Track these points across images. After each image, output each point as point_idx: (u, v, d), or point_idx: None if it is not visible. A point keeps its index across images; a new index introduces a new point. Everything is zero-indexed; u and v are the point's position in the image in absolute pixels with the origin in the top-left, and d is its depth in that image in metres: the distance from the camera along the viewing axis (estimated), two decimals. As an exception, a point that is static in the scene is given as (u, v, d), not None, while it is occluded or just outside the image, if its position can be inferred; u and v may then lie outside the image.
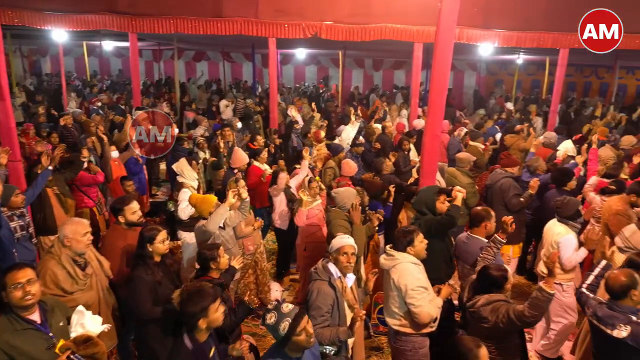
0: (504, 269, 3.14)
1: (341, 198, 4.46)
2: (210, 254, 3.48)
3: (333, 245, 3.39)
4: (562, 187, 5.34)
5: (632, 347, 2.68)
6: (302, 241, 5.09)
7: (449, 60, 4.53)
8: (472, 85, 20.54)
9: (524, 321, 2.84)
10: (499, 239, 3.64)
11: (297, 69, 21.65)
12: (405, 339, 3.45)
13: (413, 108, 9.32)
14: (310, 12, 8.00)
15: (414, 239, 3.44)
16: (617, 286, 2.84)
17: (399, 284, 3.34)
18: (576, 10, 8.13)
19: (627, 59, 15.11)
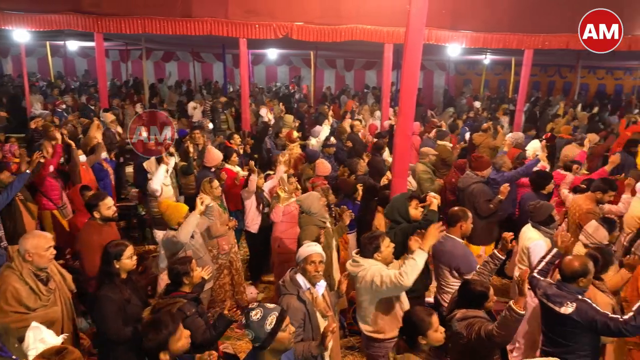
0: (486, 286, 3.07)
1: (306, 204, 4.41)
2: (183, 269, 3.29)
3: (299, 254, 3.23)
4: (539, 190, 5.37)
5: (577, 322, 2.88)
6: (276, 236, 5.09)
7: (418, 61, 4.60)
8: (441, 84, 20.91)
9: (493, 341, 2.74)
10: (498, 255, 3.50)
11: (269, 69, 21.56)
12: (378, 345, 3.42)
13: (385, 108, 9.42)
14: (281, 13, 7.99)
15: (380, 245, 3.34)
16: (569, 271, 3.03)
17: (368, 284, 3.24)
18: (539, 12, 8.47)
19: (588, 59, 15.69)
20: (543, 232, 4.24)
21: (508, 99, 15.40)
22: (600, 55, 12.44)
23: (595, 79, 21.36)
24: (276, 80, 21.46)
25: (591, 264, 3.08)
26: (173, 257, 4.00)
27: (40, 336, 2.63)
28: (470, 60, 19.28)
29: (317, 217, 4.36)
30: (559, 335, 3.04)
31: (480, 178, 5.45)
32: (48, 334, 2.66)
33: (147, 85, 14.38)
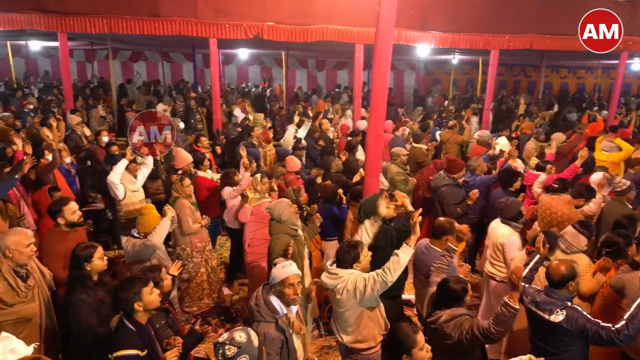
0: (463, 281, 3.04)
1: (276, 212, 4.20)
2: (154, 278, 3.15)
3: (275, 277, 2.96)
4: (507, 187, 5.48)
5: (568, 331, 2.85)
6: (245, 237, 5.07)
7: (388, 61, 4.65)
8: (411, 84, 21.22)
9: (490, 337, 2.76)
10: (452, 247, 3.55)
11: (240, 69, 21.38)
12: (362, 357, 3.27)
13: (356, 108, 9.49)
14: (251, 13, 7.95)
15: (359, 254, 3.18)
16: (557, 276, 2.98)
17: (351, 292, 3.08)
18: (504, 14, 8.71)
19: (551, 58, 16.23)
20: (513, 227, 4.36)
21: (476, 98, 15.76)
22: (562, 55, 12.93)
23: (558, 78, 22.11)
24: (247, 80, 21.31)
25: (577, 266, 3.06)
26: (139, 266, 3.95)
27: (11, 346, 2.54)
28: (439, 60, 19.62)
29: (288, 225, 4.18)
30: (548, 344, 2.99)
31: (451, 180, 5.53)
32: (18, 344, 2.57)
33: (115, 86, 14.02)
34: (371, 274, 3.06)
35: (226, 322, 5.12)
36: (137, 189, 5.57)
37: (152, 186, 6.39)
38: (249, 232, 5.01)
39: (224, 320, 5.15)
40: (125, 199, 5.42)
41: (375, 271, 3.06)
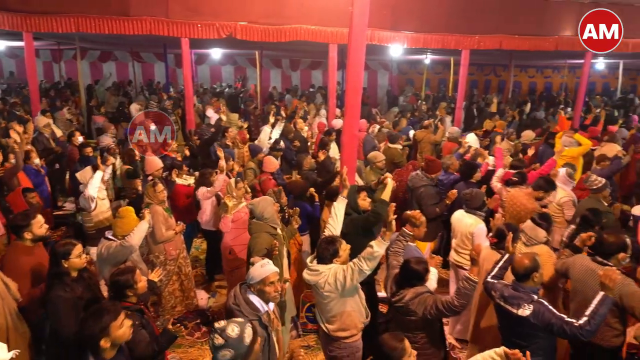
0: (424, 262, 3.26)
1: (259, 209, 4.21)
2: (125, 281, 3.11)
3: (253, 276, 2.96)
4: (468, 179, 5.71)
5: (534, 324, 2.95)
6: (226, 244, 4.99)
7: (362, 61, 4.68)
8: (385, 84, 21.42)
9: (453, 310, 3.02)
10: (407, 232, 3.69)
11: (213, 69, 21.16)
12: (344, 345, 3.36)
13: (331, 108, 9.52)
14: (224, 13, 7.88)
15: (338, 249, 3.29)
16: (521, 269, 3.08)
17: (333, 285, 3.18)
18: (474, 15, 8.88)
19: (520, 58, 16.67)
20: (478, 215, 4.59)
21: (449, 98, 16.02)
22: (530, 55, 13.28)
23: (527, 77, 22.72)
24: (221, 80, 21.11)
25: (540, 258, 3.17)
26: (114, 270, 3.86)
27: None
28: (412, 60, 19.88)
29: (269, 223, 4.20)
30: (517, 337, 3.08)
31: (429, 181, 5.65)
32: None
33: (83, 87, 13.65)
34: (348, 265, 3.19)
35: (203, 325, 5.06)
36: (104, 197, 5.46)
37: (130, 186, 6.27)
38: (230, 239, 4.92)
39: (200, 323, 5.09)
40: (96, 208, 5.29)
41: (352, 261, 3.20)
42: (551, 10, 9.03)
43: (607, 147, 7.57)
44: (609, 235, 3.41)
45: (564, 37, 9.17)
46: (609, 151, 7.23)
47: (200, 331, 4.96)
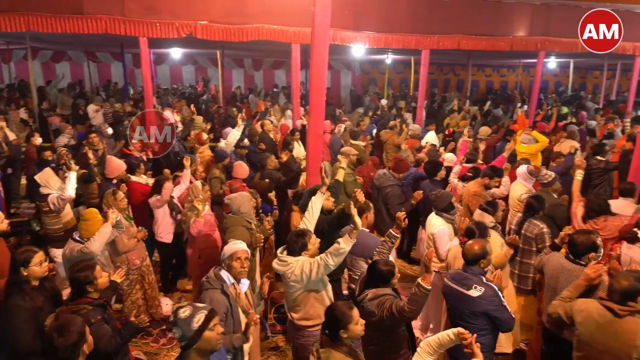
0: (391, 264, 3.30)
1: (236, 204, 4.34)
2: (85, 277, 3.10)
3: (225, 251, 3.32)
4: (433, 177, 5.81)
5: (482, 303, 3.14)
6: (196, 249, 4.90)
7: (325, 61, 4.71)
8: (348, 84, 21.58)
9: (404, 315, 2.99)
10: (394, 234, 3.76)
11: (173, 69, 20.70)
12: (308, 334, 3.47)
13: (295, 108, 9.51)
14: (184, 11, 7.71)
15: (307, 242, 3.41)
16: (470, 255, 3.29)
17: (299, 276, 3.29)
18: (433, 15, 9.08)
19: (477, 58, 17.17)
20: (445, 218, 4.64)
21: (410, 97, 16.32)
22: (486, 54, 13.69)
23: (484, 76, 23.47)
24: (182, 81, 20.68)
25: (489, 245, 3.39)
26: None
27: None
28: (374, 60, 20.12)
29: (245, 217, 4.31)
30: (463, 316, 3.25)
31: (396, 181, 5.75)
32: None
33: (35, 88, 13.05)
34: (315, 259, 3.29)
35: (168, 332, 4.94)
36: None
37: (87, 190, 6.05)
38: (200, 243, 4.83)
39: (166, 329, 4.97)
40: (65, 209, 5.13)
41: (319, 256, 3.29)
42: (505, 12, 9.35)
43: (566, 143, 7.81)
44: (580, 236, 3.49)
45: (518, 38, 9.52)
46: (565, 148, 7.52)
47: (166, 337, 4.85)
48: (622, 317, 2.66)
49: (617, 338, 2.65)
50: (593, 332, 2.80)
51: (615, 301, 2.70)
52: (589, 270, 3.10)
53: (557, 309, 3.10)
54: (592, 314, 2.81)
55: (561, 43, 9.66)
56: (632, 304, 2.66)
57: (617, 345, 2.65)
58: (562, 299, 3.15)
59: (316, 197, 3.84)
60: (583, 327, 2.87)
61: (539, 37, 9.53)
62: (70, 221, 5.12)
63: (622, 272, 2.80)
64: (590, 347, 2.82)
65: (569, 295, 3.13)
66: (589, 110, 14.07)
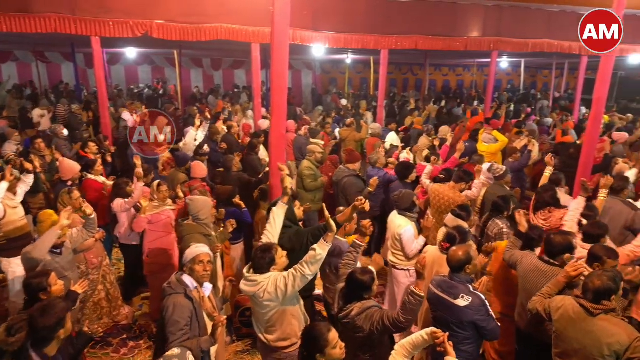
0: (369, 271, 3.14)
1: (195, 206, 4.17)
2: (38, 284, 3.02)
3: (187, 255, 3.24)
4: (404, 179, 5.84)
5: (470, 313, 3.08)
6: (145, 247, 4.81)
7: (286, 60, 4.68)
8: (309, 84, 21.61)
9: (399, 326, 2.89)
10: (358, 243, 3.63)
11: (129, 69, 20.07)
12: (285, 355, 3.26)
13: (257, 108, 9.42)
14: (138, 10, 7.48)
15: (274, 257, 3.15)
16: (455, 261, 3.22)
17: (273, 294, 3.06)
18: (391, 16, 9.22)
19: (434, 58, 17.58)
20: (409, 217, 4.66)
21: (370, 96, 16.52)
22: (443, 54, 14.04)
23: (441, 76, 24.09)
24: (138, 81, 20.08)
25: (473, 250, 3.32)
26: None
27: None
28: (335, 60, 20.23)
29: (202, 224, 4.13)
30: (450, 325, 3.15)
31: (352, 171, 5.78)
32: None
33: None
34: (290, 272, 3.07)
35: (129, 340, 4.79)
36: (16, 205, 4.96)
37: (33, 201, 5.74)
38: (148, 242, 4.76)
39: (126, 338, 4.82)
40: (5, 217, 4.78)
41: (293, 267, 3.07)
42: (460, 13, 9.62)
43: (524, 141, 8.05)
44: (556, 236, 3.50)
45: (472, 38, 9.81)
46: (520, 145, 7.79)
47: (127, 347, 4.69)
48: (596, 316, 2.72)
49: (591, 336, 2.71)
50: (568, 329, 2.85)
51: (590, 300, 2.76)
52: (570, 268, 3.11)
53: (536, 304, 3.14)
54: (568, 312, 2.86)
55: (512, 43, 10.03)
56: (606, 303, 2.72)
57: (590, 343, 2.71)
58: (542, 294, 3.17)
59: (277, 207, 3.52)
60: (559, 323, 2.93)
61: (492, 38, 9.86)
62: (14, 230, 4.78)
63: (597, 272, 2.84)
64: (566, 344, 2.88)
65: (549, 291, 3.15)
66: (544, 108, 14.69)
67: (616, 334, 2.62)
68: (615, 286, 2.71)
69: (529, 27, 9.99)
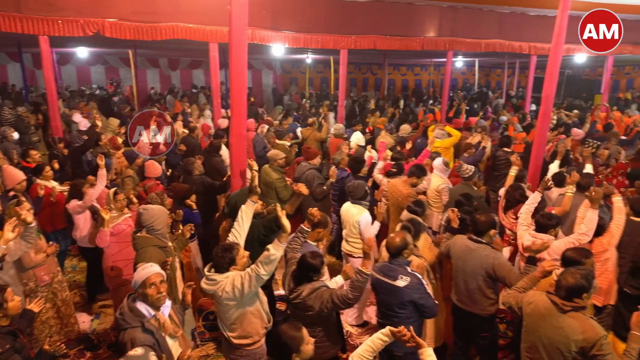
0: (319, 255, 3.36)
1: (150, 215, 3.80)
2: None
3: (136, 279, 2.87)
4: (357, 173, 6.07)
5: (408, 292, 3.31)
6: (108, 260, 4.59)
7: (245, 60, 4.65)
8: (269, 83, 21.50)
9: (348, 303, 3.14)
10: (305, 228, 3.74)
11: (81, 70, 19.30)
12: (247, 352, 3.28)
13: (216, 108, 9.30)
14: (89, 8, 7.21)
15: (235, 257, 3.16)
16: (393, 247, 3.46)
17: (231, 293, 3.07)
18: (350, 16, 9.31)
19: (393, 57, 17.89)
20: (363, 205, 4.89)
21: (331, 96, 16.61)
22: (401, 54, 14.30)
23: (400, 75, 24.51)
24: (91, 82, 19.35)
25: (409, 237, 3.55)
26: None
27: None
28: (295, 60, 20.21)
29: (158, 236, 3.84)
30: (391, 306, 3.40)
31: (312, 165, 5.90)
32: None
33: None
34: (246, 271, 3.09)
35: (87, 351, 4.61)
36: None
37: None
38: (111, 255, 4.51)
39: (84, 349, 4.64)
40: None
41: (249, 267, 3.10)
42: (417, 14, 9.83)
43: (478, 137, 8.32)
44: (480, 215, 3.78)
45: (428, 38, 10.05)
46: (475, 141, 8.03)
47: (85, 357, 4.52)
48: (566, 312, 2.76)
49: (560, 332, 2.76)
50: (538, 324, 2.90)
51: (561, 297, 2.80)
52: (545, 263, 3.19)
53: (510, 299, 3.19)
54: (539, 307, 2.92)
55: (466, 43, 10.34)
56: (577, 301, 2.76)
57: (559, 339, 2.77)
58: (517, 289, 3.23)
59: (246, 206, 3.58)
60: (530, 318, 2.98)
61: (447, 38, 10.13)
62: None
63: (571, 270, 2.86)
64: (535, 338, 2.94)
65: (524, 285, 3.20)
66: (497, 106, 15.22)
67: (584, 332, 2.68)
68: (588, 284, 2.75)
69: (482, 27, 10.34)
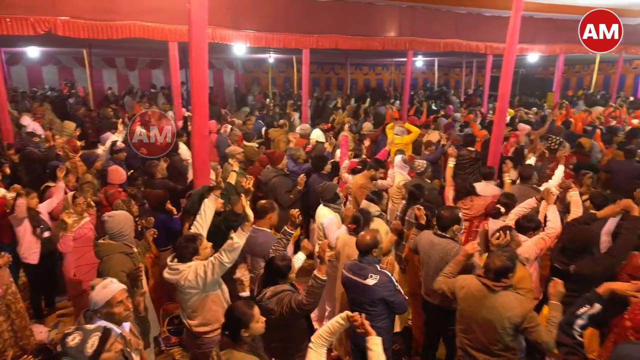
0: (287, 259, 3.33)
1: (117, 222, 3.68)
2: None
3: (97, 300, 2.66)
4: (320, 171, 6.04)
5: (379, 290, 3.34)
6: (70, 266, 4.42)
7: (205, 59, 4.58)
8: (231, 83, 21.24)
9: (303, 308, 3.04)
10: (289, 230, 3.77)
11: (31, 70, 18.46)
12: (208, 340, 3.34)
13: (177, 108, 9.11)
14: (40, 6, 6.91)
15: (198, 247, 3.24)
16: (363, 246, 3.46)
17: (193, 282, 3.14)
18: (311, 15, 9.35)
19: (354, 57, 18.06)
20: (332, 208, 4.86)
21: (294, 95, 16.60)
22: (362, 54, 14.45)
23: (362, 75, 24.79)
24: (43, 83, 18.54)
25: (379, 235, 3.55)
26: None
27: None
28: (257, 59, 20.06)
29: (124, 242, 3.72)
30: (362, 304, 3.41)
31: (279, 171, 5.82)
32: None
33: None
34: (209, 260, 3.16)
35: (46, 362, 4.42)
36: None
37: None
38: (73, 260, 4.34)
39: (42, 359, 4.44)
40: None
41: (212, 256, 3.18)
42: (376, 13, 9.98)
43: (433, 134, 8.67)
44: (445, 211, 3.87)
45: (389, 38, 10.22)
46: (434, 138, 8.32)
47: (44, 369, 4.33)
48: (497, 292, 2.96)
49: (493, 311, 2.94)
50: (472, 306, 3.08)
51: (491, 279, 2.99)
52: (468, 247, 3.44)
53: (442, 284, 3.40)
54: (472, 290, 3.10)
55: (426, 43, 10.58)
56: (505, 280, 2.98)
57: (493, 317, 2.94)
58: (445, 274, 3.43)
59: (209, 200, 3.71)
60: (464, 301, 3.16)
61: (407, 38, 10.33)
62: None
63: (496, 253, 3.09)
64: (470, 320, 3.11)
65: (451, 270, 3.42)
66: (454, 104, 15.65)
67: (514, 308, 2.89)
68: (512, 265, 2.99)
69: (440, 27, 10.60)
